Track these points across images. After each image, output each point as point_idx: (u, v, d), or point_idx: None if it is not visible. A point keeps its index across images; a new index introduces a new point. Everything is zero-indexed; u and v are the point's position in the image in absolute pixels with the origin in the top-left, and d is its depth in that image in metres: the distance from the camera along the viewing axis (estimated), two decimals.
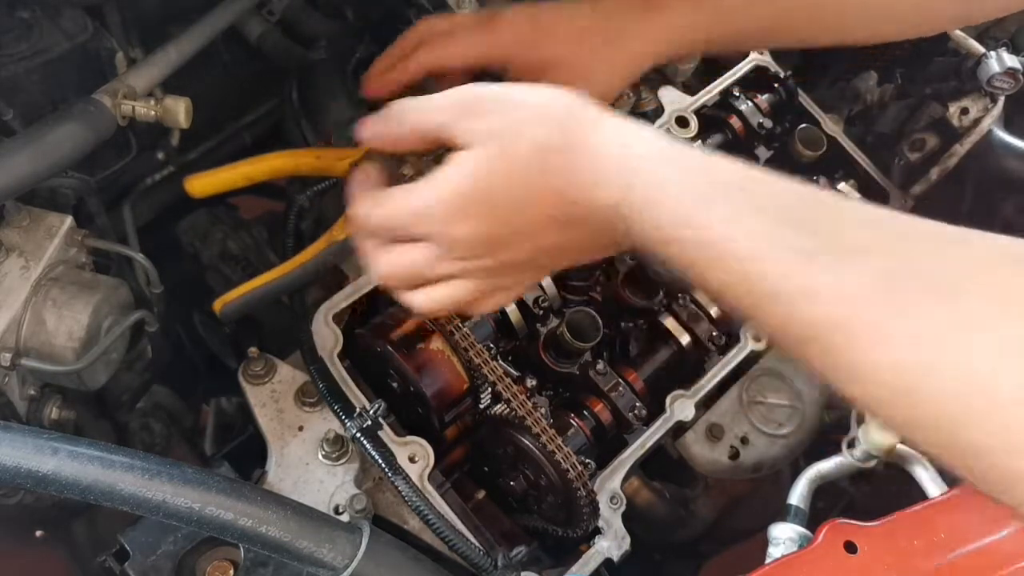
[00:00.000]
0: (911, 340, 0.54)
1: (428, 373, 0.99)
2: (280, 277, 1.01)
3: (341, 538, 0.76)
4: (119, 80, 1.05)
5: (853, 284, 0.57)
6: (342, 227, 1.03)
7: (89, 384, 1.01)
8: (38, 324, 0.96)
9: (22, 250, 0.98)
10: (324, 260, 1.02)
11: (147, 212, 1.30)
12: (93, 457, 0.73)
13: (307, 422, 0.99)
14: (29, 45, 1.04)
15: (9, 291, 0.95)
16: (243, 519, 0.74)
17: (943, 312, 0.54)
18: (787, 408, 1.17)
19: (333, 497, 0.94)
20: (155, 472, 0.73)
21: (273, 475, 0.96)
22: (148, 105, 1.05)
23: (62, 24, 1.06)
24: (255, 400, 1.01)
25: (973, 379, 0.52)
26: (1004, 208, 1.38)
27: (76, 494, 0.72)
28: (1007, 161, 1.24)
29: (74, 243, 1.03)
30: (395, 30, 1.30)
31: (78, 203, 1.12)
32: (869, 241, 0.59)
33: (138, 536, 0.86)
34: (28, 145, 0.92)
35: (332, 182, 1.13)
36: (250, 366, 1.02)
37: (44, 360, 0.95)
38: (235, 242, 1.39)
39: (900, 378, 0.55)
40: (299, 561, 0.75)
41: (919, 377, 0.54)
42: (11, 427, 0.76)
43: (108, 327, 1.01)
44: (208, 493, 0.73)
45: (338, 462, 0.96)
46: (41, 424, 1.00)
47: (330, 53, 1.29)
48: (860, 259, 0.58)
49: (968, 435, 0.52)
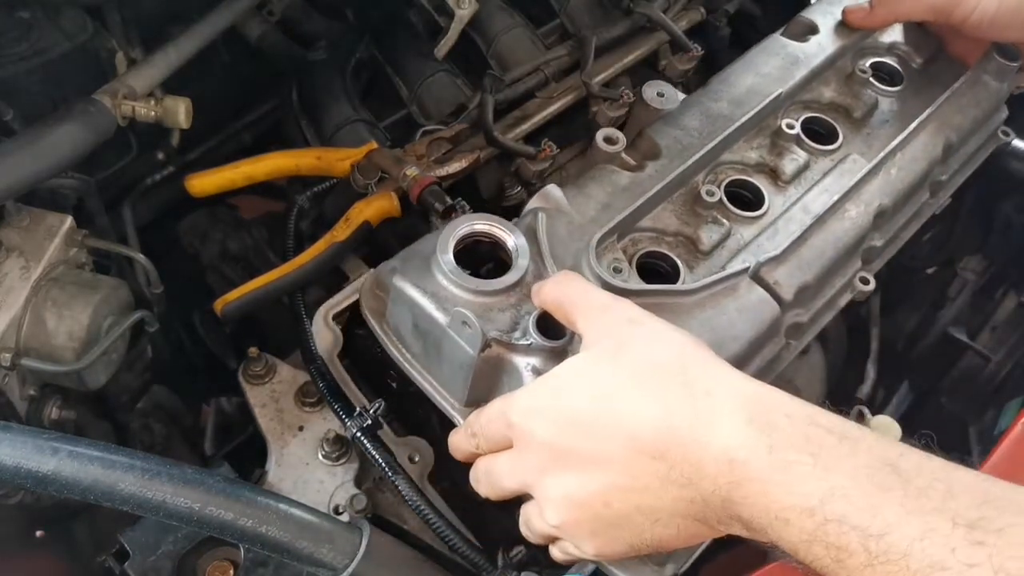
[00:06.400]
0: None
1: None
2: (280, 277, 1.02)
3: (341, 538, 0.76)
4: (119, 80, 1.05)
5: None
6: (342, 227, 1.03)
7: (89, 384, 1.01)
8: (38, 324, 0.96)
9: (22, 250, 0.98)
10: (324, 260, 1.02)
11: (147, 212, 1.30)
12: (93, 457, 0.73)
13: (307, 422, 0.99)
14: (29, 45, 1.04)
15: (9, 291, 0.95)
16: (243, 519, 0.74)
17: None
18: None
19: (333, 497, 0.94)
20: (155, 472, 0.73)
21: (273, 475, 0.96)
22: (148, 105, 1.05)
23: (62, 24, 1.06)
24: (255, 400, 1.01)
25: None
26: (1004, 208, 1.38)
27: (76, 494, 0.72)
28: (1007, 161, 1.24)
29: (74, 243, 1.03)
30: (395, 30, 1.30)
31: (78, 203, 1.12)
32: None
33: (138, 536, 0.86)
34: (28, 145, 0.92)
35: (332, 182, 1.13)
36: (250, 366, 1.02)
37: (44, 360, 0.95)
38: (235, 242, 1.39)
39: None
40: (299, 561, 0.75)
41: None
42: (11, 427, 0.76)
43: (108, 327, 1.01)
44: (208, 493, 0.73)
45: (338, 462, 0.96)
46: (41, 424, 1.00)
47: (330, 53, 1.29)
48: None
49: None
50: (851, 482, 0.59)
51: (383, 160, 1.07)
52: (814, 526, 0.59)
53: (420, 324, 0.87)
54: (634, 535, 0.70)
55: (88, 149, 0.97)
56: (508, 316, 0.85)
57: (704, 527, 0.68)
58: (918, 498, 0.57)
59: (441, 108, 1.22)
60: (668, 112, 1.08)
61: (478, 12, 1.19)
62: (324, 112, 1.22)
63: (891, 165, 1.06)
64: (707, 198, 0.98)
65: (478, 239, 0.90)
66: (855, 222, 1.02)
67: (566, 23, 1.28)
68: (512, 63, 1.22)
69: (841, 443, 0.62)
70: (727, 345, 0.87)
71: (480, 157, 1.11)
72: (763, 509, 0.62)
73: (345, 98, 1.22)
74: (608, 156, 1.01)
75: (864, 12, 1.15)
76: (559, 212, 0.94)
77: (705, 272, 0.95)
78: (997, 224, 1.39)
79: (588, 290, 0.79)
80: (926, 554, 0.55)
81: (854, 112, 1.12)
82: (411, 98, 1.24)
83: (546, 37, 1.28)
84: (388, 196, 1.05)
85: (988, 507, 0.56)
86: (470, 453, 0.81)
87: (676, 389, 0.67)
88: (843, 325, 1.32)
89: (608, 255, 0.92)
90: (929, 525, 0.56)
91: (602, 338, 0.73)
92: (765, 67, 1.12)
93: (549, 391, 0.74)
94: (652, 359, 0.70)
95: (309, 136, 1.23)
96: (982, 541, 0.54)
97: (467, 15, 1.17)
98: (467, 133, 1.13)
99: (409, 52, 1.27)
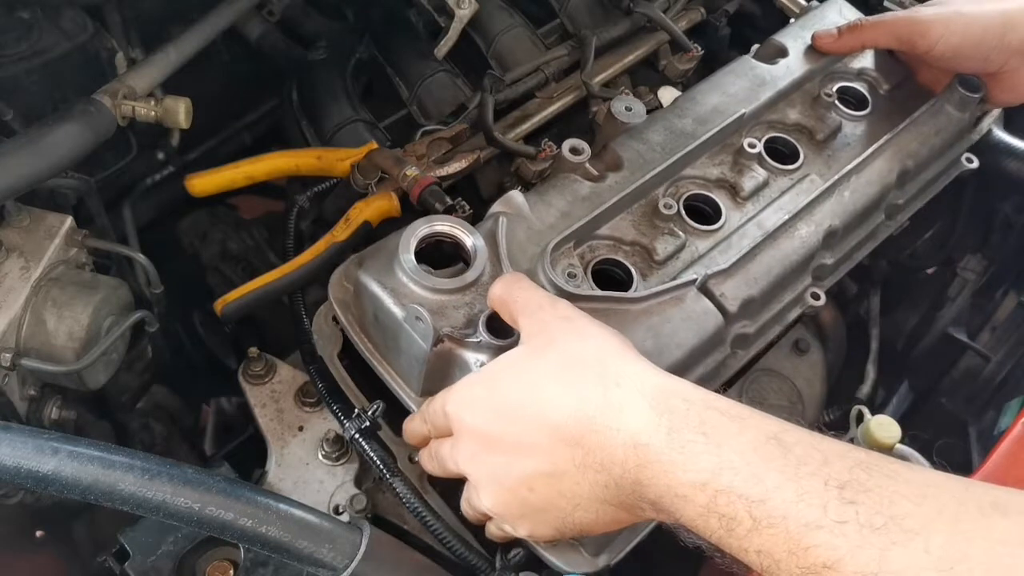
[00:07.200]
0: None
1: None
2: (280, 277, 1.02)
3: (341, 538, 0.76)
4: (119, 80, 1.05)
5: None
6: (342, 227, 1.03)
7: (89, 384, 1.01)
8: (38, 324, 0.96)
9: (22, 250, 0.98)
10: (324, 260, 1.02)
11: (147, 212, 1.30)
12: (93, 457, 0.73)
13: (307, 422, 1.00)
14: (29, 45, 1.04)
15: (9, 291, 0.95)
16: (243, 519, 0.74)
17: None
18: (787, 408, 1.17)
19: (333, 497, 0.94)
20: (155, 472, 0.73)
21: (273, 475, 0.96)
22: (148, 105, 1.05)
23: (62, 24, 1.06)
24: (255, 400, 1.01)
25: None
26: (1004, 208, 1.38)
27: (76, 494, 0.72)
28: (1007, 161, 1.24)
29: (74, 243, 1.03)
30: (395, 30, 1.30)
31: (78, 203, 1.12)
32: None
33: (138, 536, 0.86)
34: (28, 145, 0.92)
35: (332, 182, 1.13)
36: (250, 366, 1.02)
37: (44, 360, 0.95)
38: (235, 242, 1.39)
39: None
40: (299, 561, 0.75)
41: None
42: (11, 427, 0.76)
43: (108, 327, 1.01)
44: (208, 493, 0.74)
45: (338, 462, 0.97)
46: (41, 424, 1.00)
47: (330, 53, 1.29)
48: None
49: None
50: (738, 456, 0.64)
51: (383, 160, 1.07)
52: (706, 499, 0.64)
53: (380, 317, 0.91)
54: (558, 519, 0.76)
55: (88, 149, 0.97)
56: (462, 314, 0.89)
57: (621, 511, 0.72)
58: (797, 466, 0.62)
59: (441, 108, 1.22)
60: (634, 126, 1.10)
61: (478, 12, 1.19)
62: (324, 112, 1.21)
63: (845, 188, 1.09)
64: (665, 211, 1.02)
65: (440, 239, 0.94)
66: (804, 241, 1.05)
67: (566, 23, 1.28)
68: (512, 63, 1.22)
69: (731, 422, 0.67)
70: (670, 351, 0.91)
71: (480, 157, 1.11)
72: (665, 488, 0.66)
73: (345, 98, 1.22)
74: (573, 166, 1.04)
75: (832, 37, 1.18)
76: (520, 217, 0.97)
77: (658, 281, 0.99)
78: (997, 224, 1.39)
79: (531, 291, 0.83)
80: (802, 514, 0.59)
81: (817, 134, 1.15)
82: (411, 98, 1.24)
83: (546, 37, 1.28)
84: (388, 196, 1.05)
85: (859, 470, 0.61)
86: (423, 438, 0.88)
87: (592, 380, 0.72)
88: (843, 325, 1.32)
89: (564, 260, 0.96)
90: (805, 488, 0.60)
91: (536, 334, 0.78)
92: (732, 87, 1.15)
93: (482, 383, 0.80)
94: (575, 354, 0.75)
95: (309, 136, 1.23)
96: (852, 500, 0.59)
97: (467, 15, 1.17)
98: (467, 133, 1.13)
99: (409, 52, 1.27)
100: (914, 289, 1.46)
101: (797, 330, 1.23)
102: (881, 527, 0.57)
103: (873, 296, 1.40)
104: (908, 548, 0.56)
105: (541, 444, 0.73)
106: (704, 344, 0.95)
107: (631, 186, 1.02)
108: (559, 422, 0.72)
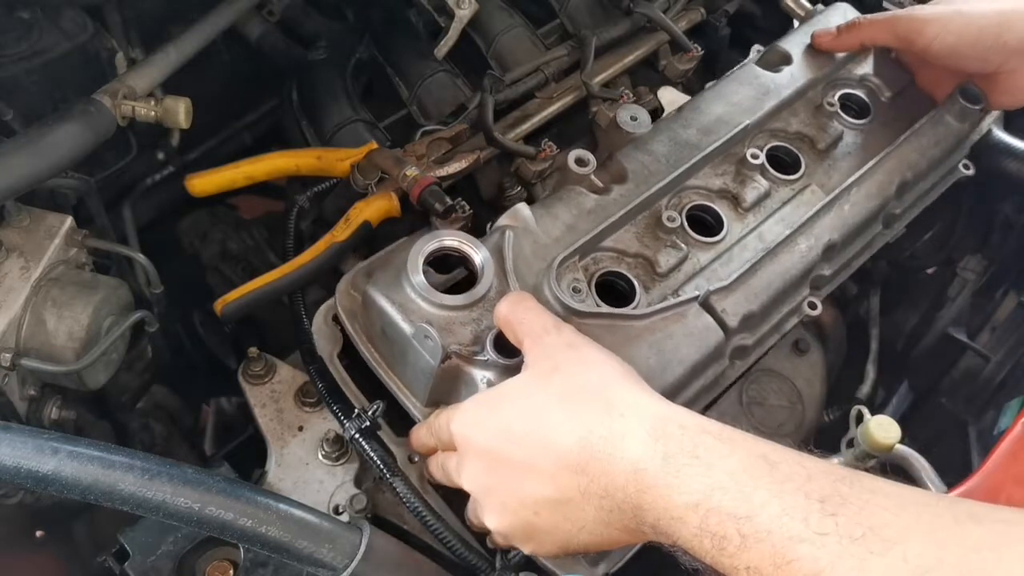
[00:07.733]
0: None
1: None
2: (280, 277, 1.02)
3: (341, 538, 0.76)
4: (119, 80, 1.05)
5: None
6: (342, 227, 1.03)
7: (89, 384, 1.01)
8: (38, 324, 0.96)
9: (22, 250, 0.98)
10: (324, 260, 1.02)
11: (147, 212, 1.30)
12: (93, 457, 0.73)
13: (307, 422, 1.00)
14: (29, 45, 1.04)
15: (9, 291, 0.95)
16: (243, 519, 0.74)
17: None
18: (787, 408, 1.17)
19: (333, 497, 0.94)
20: (155, 472, 0.73)
21: (273, 475, 0.96)
22: (148, 105, 1.05)
23: (62, 24, 1.06)
24: (255, 400, 1.01)
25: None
26: (1004, 208, 1.38)
27: (76, 494, 0.72)
28: (1007, 162, 1.24)
29: (74, 243, 1.03)
30: (395, 30, 1.30)
31: (78, 203, 1.12)
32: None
33: (138, 536, 0.86)
34: (28, 145, 0.92)
35: (332, 182, 1.13)
36: (250, 366, 1.02)
37: (44, 360, 0.95)
38: (235, 242, 1.39)
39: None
40: (299, 561, 0.75)
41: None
42: (11, 427, 0.76)
43: (108, 327, 1.01)
44: (208, 493, 0.74)
45: (338, 462, 0.97)
46: (41, 424, 1.00)
47: (330, 53, 1.29)
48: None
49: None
50: (728, 476, 0.66)
51: (383, 160, 1.07)
52: (699, 520, 0.65)
53: (388, 331, 0.92)
54: (563, 540, 0.77)
55: (88, 149, 0.97)
56: (469, 330, 0.90)
57: (624, 534, 0.74)
58: (782, 482, 0.64)
59: (441, 108, 1.22)
60: (639, 136, 1.11)
61: (478, 12, 1.19)
62: (324, 112, 1.21)
63: (845, 201, 1.10)
64: (668, 223, 1.03)
65: (447, 253, 0.95)
66: (804, 256, 1.06)
67: (566, 23, 1.28)
68: (512, 63, 1.22)
69: (723, 444, 0.69)
70: (672, 368, 0.93)
71: (480, 157, 1.11)
72: (663, 511, 0.68)
73: (345, 98, 1.22)
74: (579, 177, 1.04)
75: (831, 36, 1.19)
76: (526, 231, 0.98)
77: (660, 293, 1.00)
78: (997, 224, 1.39)
79: (536, 313, 0.84)
80: (785, 528, 0.61)
81: (818, 143, 1.15)
82: (411, 98, 1.24)
83: (546, 37, 1.28)
84: (388, 196, 1.05)
85: (841, 484, 0.63)
86: (430, 448, 0.89)
87: (597, 409, 0.74)
88: (843, 325, 1.32)
89: (568, 275, 0.96)
90: (788, 503, 0.62)
91: (541, 360, 0.80)
92: (736, 96, 1.15)
93: (488, 405, 0.81)
94: (580, 382, 0.77)
95: (309, 136, 1.23)
96: (833, 512, 0.61)
97: (467, 15, 1.17)
98: (467, 133, 1.13)
99: (409, 52, 1.27)
100: (914, 289, 1.45)
101: (797, 330, 1.23)
102: (860, 537, 0.59)
103: (873, 296, 1.40)
104: (887, 557, 0.57)
105: (546, 470, 0.74)
106: (705, 359, 0.96)
107: (636, 199, 1.02)
108: (564, 449, 0.73)
